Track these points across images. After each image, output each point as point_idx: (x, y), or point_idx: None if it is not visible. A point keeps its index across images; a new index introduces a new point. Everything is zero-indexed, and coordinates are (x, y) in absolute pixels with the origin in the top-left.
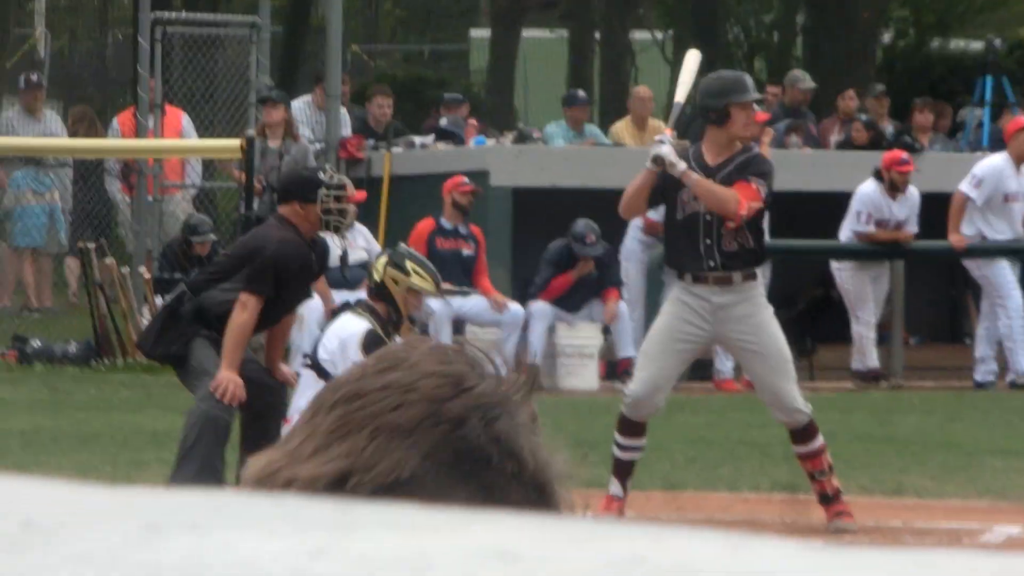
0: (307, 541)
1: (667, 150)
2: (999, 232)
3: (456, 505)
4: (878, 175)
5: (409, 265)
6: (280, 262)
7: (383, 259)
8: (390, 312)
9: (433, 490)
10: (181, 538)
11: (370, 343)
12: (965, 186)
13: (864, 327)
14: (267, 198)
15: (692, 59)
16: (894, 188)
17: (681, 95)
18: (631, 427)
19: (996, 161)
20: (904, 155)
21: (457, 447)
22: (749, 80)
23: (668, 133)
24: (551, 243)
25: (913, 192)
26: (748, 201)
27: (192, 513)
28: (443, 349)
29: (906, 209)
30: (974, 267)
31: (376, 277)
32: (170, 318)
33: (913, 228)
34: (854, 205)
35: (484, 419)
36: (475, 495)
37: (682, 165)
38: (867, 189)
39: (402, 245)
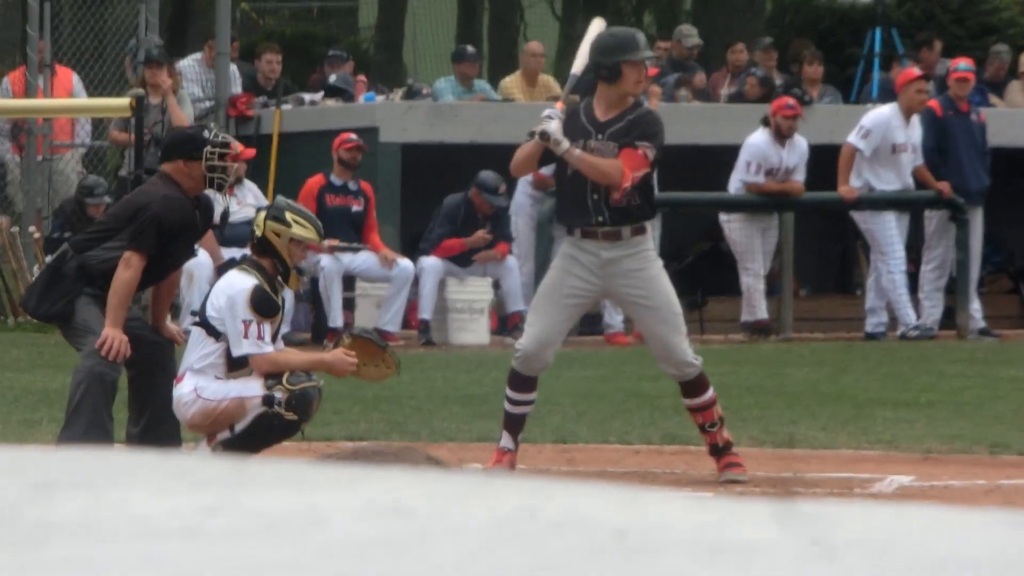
0: (201, 498)
1: (554, 127)
2: (887, 183)
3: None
4: (765, 122)
5: (289, 216)
6: (164, 219)
7: (262, 213)
8: (276, 266)
9: None
10: (75, 496)
11: (258, 299)
12: (853, 137)
13: (753, 279)
14: (151, 154)
15: (595, 28)
16: (781, 135)
17: (578, 66)
18: (522, 382)
19: (884, 112)
20: (790, 100)
21: None
22: (642, 37)
23: (559, 107)
24: (447, 198)
25: (801, 141)
26: (633, 171)
27: (85, 471)
28: None
29: (795, 157)
30: (860, 219)
31: (258, 232)
32: (54, 277)
33: (801, 176)
34: (743, 155)
35: None
36: None
37: (565, 144)
38: (755, 139)
39: (280, 198)
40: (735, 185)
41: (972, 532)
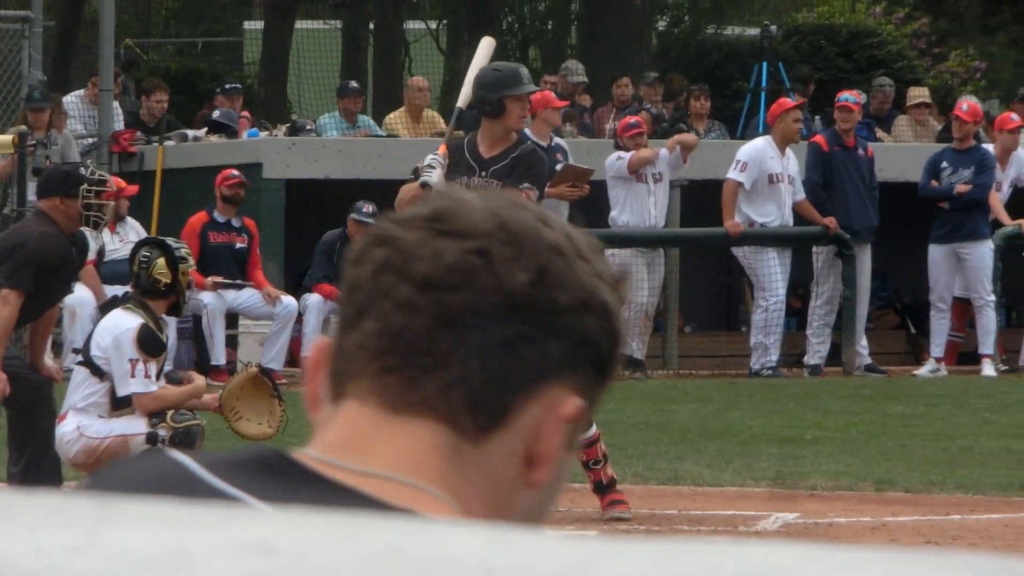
0: (66, 537)
1: (436, 177)
2: (766, 215)
3: None
4: (617, 146)
5: (185, 252)
6: (41, 257)
7: (161, 260)
8: (167, 303)
9: None
10: None
11: (145, 338)
12: (732, 172)
13: (632, 313)
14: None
15: (484, 47)
16: (620, 148)
17: (463, 99)
18: None
19: (758, 143)
20: (633, 119)
21: None
22: (525, 72)
23: (441, 151)
24: (325, 235)
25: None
26: None
27: None
28: None
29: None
30: (741, 255)
31: (165, 279)
32: None
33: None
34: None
35: None
36: None
37: None
38: (610, 160)
39: (168, 240)
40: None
41: (849, 571)
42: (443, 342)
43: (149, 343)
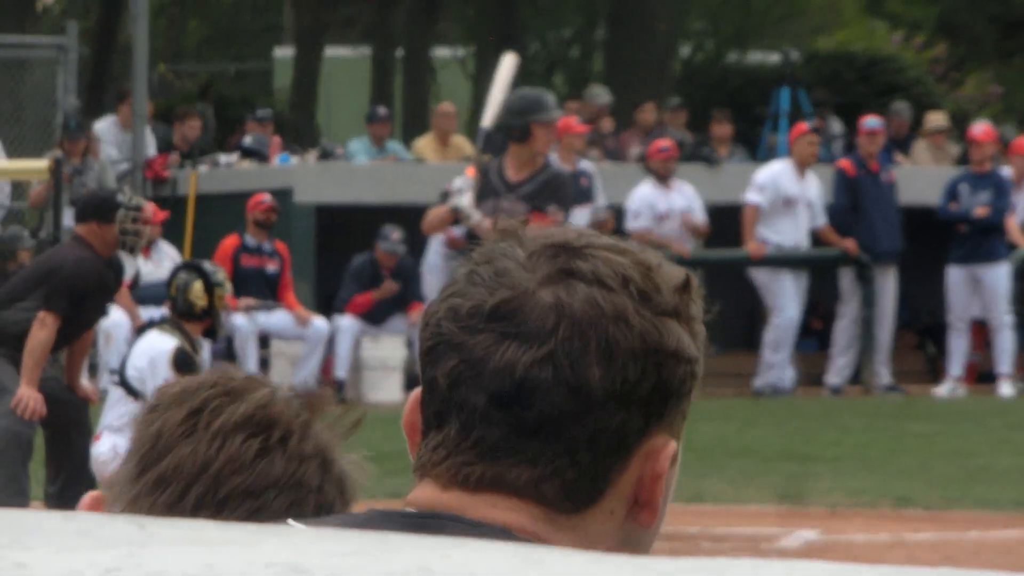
0: (102, 558)
1: (465, 201)
2: (782, 235)
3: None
4: (647, 170)
5: (222, 276)
6: (77, 281)
7: (198, 284)
8: (203, 326)
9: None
10: None
11: (180, 359)
12: (750, 194)
13: None
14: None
15: (507, 64)
16: (661, 178)
17: (488, 120)
18: None
19: (775, 167)
20: (664, 143)
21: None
22: (551, 98)
23: (469, 174)
24: (354, 258)
25: (685, 186)
26: None
27: None
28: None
29: (684, 199)
30: (755, 275)
31: (201, 303)
32: None
33: (700, 216)
34: (630, 205)
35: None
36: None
37: (476, 217)
38: (640, 189)
39: (206, 263)
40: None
41: None
42: (526, 448)
43: (184, 364)
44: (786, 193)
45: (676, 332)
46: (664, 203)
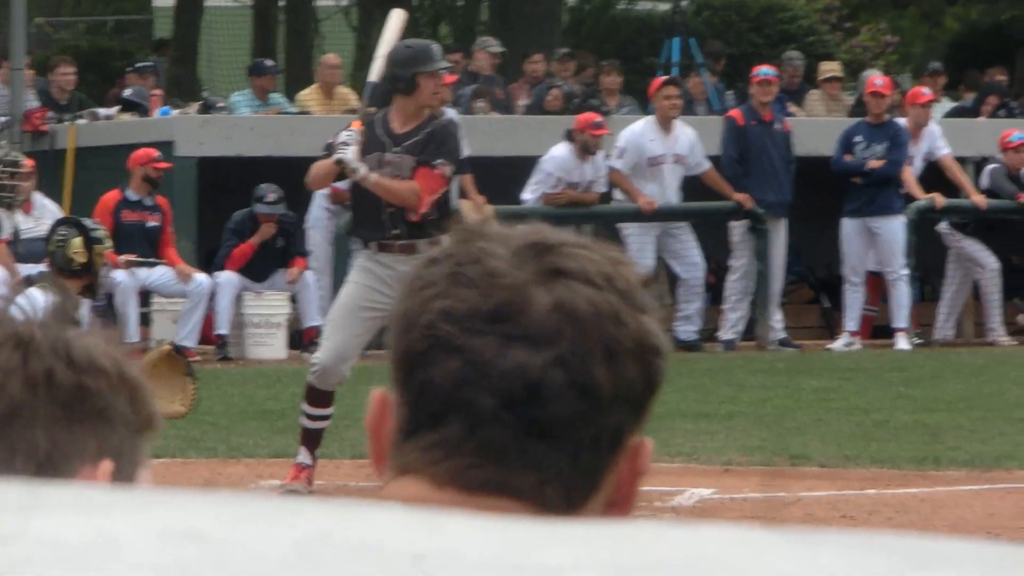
0: None
1: (351, 154)
2: (649, 196)
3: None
4: (569, 137)
5: (102, 233)
6: None
7: (78, 240)
8: (83, 283)
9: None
10: None
11: (60, 317)
12: (612, 159)
13: None
14: None
15: (395, 20)
16: (586, 151)
17: (375, 74)
18: (319, 396)
19: (635, 127)
20: (598, 118)
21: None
22: (437, 48)
23: (356, 127)
24: (234, 214)
25: (599, 154)
26: (430, 194)
27: None
28: None
29: (593, 170)
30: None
31: (81, 259)
32: None
33: (601, 188)
34: (544, 167)
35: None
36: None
37: (362, 170)
38: (558, 152)
39: (86, 219)
40: (530, 195)
41: (770, 552)
42: (533, 451)
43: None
44: (649, 153)
45: (655, 328)
46: (578, 173)
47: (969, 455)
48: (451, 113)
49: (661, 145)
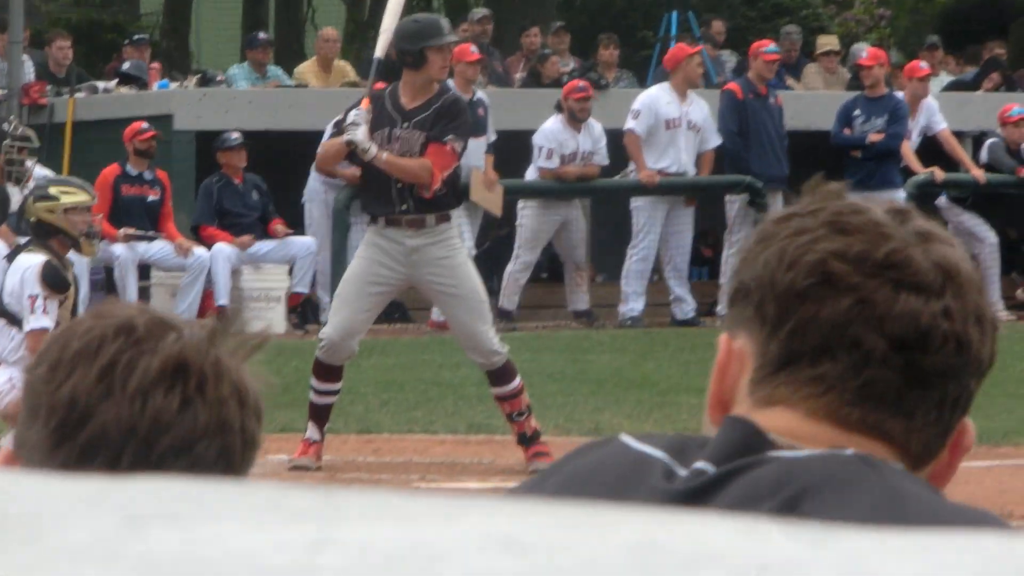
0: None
1: (361, 134)
2: (663, 162)
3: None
4: (559, 107)
5: (54, 190)
6: None
7: (30, 200)
8: (64, 242)
9: None
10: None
11: (48, 273)
12: (628, 122)
13: (520, 270)
14: None
15: (395, 2)
16: (575, 119)
17: (380, 49)
18: (327, 371)
19: (652, 91)
20: (581, 83)
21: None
22: (445, 23)
23: (364, 106)
24: (204, 180)
25: (595, 124)
26: (442, 171)
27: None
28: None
29: (590, 141)
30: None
31: (32, 219)
32: None
33: (601, 160)
34: (536, 142)
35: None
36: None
37: (373, 150)
38: (549, 124)
39: (43, 176)
40: (532, 173)
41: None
42: (908, 397)
43: (52, 278)
44: (666, 116)
45: (986, 303)
46: (572, 143)
47: (977, 432)
48: (481, 95)
49: (676, 109)
